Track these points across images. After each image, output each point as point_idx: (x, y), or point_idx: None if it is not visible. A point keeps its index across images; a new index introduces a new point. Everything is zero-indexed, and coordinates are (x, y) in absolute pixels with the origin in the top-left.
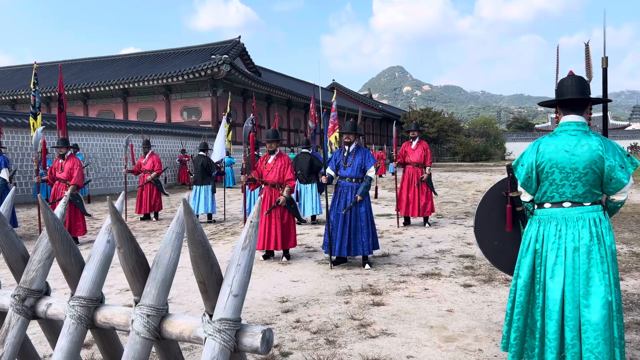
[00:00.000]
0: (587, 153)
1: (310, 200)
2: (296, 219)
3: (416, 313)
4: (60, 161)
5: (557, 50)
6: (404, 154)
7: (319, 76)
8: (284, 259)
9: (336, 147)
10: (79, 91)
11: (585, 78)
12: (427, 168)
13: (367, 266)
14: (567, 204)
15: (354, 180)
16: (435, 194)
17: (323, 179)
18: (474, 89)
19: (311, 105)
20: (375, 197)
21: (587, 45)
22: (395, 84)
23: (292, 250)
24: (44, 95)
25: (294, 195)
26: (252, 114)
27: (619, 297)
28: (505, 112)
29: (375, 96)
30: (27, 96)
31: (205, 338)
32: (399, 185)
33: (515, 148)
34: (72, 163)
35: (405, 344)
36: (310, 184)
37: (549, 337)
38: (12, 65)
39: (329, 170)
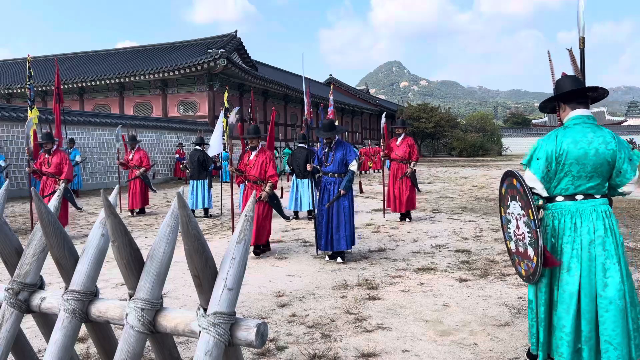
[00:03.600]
0: (603, 145)
1: (307, 195)
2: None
3: (412, 307)
4: (47, 156)
5: (549, 55)
6: (390, 149)
7: (303, 67)
8: (253, 254)
9: None
10: (75, 85)
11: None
12: (412, 163)
13: (339, 259)
14: (579, 197)
15: (336, 175)
16: (419, 190)
17: (309, 167)
18: (471, 85)
19: (306, 99)
20: (361, 192)
21: (570, 51)
22: (393, 79)
23: (288, 245)
24: (39, 89)
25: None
26: (236, 107)
27: (632, 289)
28: (502, 108)
29: (372, 91)
30: (22, 90)
31: (200, 332)
32: (387, 182)
33: (512, 143)
34: (60, 158)
35: (400, 338)
36: (307, 179)
37: (565, 331)
38: (7, 59)
39: (315, 164)
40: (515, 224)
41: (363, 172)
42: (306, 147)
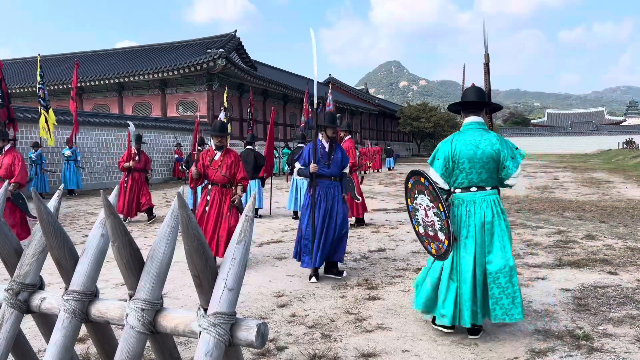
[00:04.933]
0: (489, 146)
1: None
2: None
3: (412, 307)
4: None
5: (464, 68)
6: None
7: (315, 72)
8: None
9: None
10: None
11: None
12: (347, 168)
13: (345, 274)
14: (473, 189)
15: (332, 178)
16: (357, 198)
17: (313, 167)
18: (469, 85)
19: (304, 99)
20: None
21: (464, 67)
22: (392, 79)
23: (288, 245)
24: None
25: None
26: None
27: (513, 260)
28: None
29: (371, 91)
30: (22, 89)
31: (200, 332)
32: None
33: None
34: (11, 158)
35: (400, 338)
36: (307, 178)
37: (464, 298)
38: (7, 59)
39: (299, 166)
40: (424, 213)
41: (363, 172)
42: (305, 146)
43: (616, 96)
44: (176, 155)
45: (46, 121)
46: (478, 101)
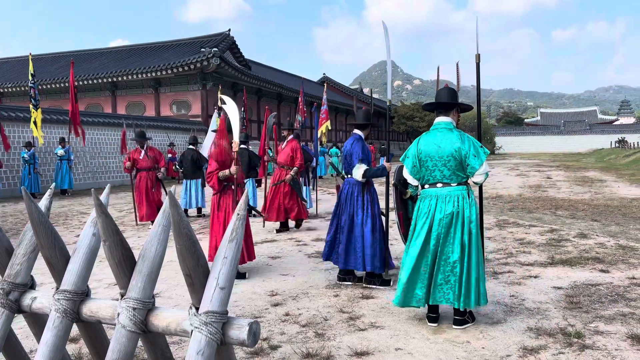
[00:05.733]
0: (449, 145)
1: (304, 193)
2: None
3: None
4: None
5: (457, 67)
6: (277, 153)
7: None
8: None
9: (325, 139)
10: (66, 84)
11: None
12: (294, 170)
13: (375, 284)
14: (439, 185)
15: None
16: (304, 200)
17: (389, 166)
18: (464, 84)
19: (300, 99)
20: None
21: (457, 65)
22: (386, 78)
23: (281, 244)
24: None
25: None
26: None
27: (475, 252)
28: (495, 107)
29: (365, 90)
30: (15, 89)
31: (192, 331)
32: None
33: (505, 142)
34: None
35: (394, 337)
36: (301, 178)
37: (402, 282)
38: (0, 58)
39: (364, 166)
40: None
41: None
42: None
43: (609, 95)
44: (169, 155)
45: (34, 120)
46: (447, 102)
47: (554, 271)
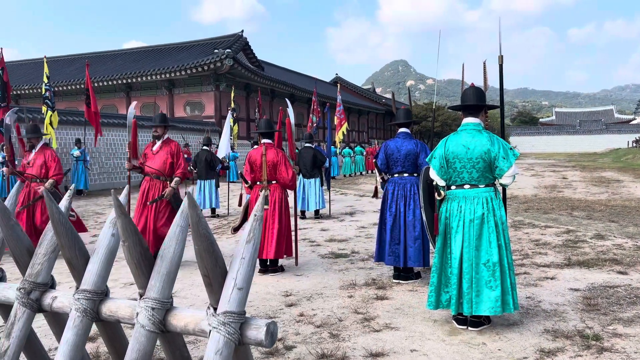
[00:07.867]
0: (479, 147)
1: (314, 194)
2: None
3: (420, 307)
4: None
5: (484, 65)
6: (144, 157)
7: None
8: None
9: (340, 142)
10: (82, 86)
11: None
12: (175, 180)
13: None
14: (467, 186)
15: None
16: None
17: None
18: (478, 83)
19: (313, 99)
20: (375, 197)
21: (484, 64)
22: (399, 78)
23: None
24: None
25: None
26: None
27: (508, 255)
28: (510, 106)
29: (378, 90)
30: (31, 91)
31: (210, 331)
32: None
33: (520, 142)
34: (45, 156)
35: (409, 338)
36: (313, 179)
37: (451, 288)
38: (15, 60)
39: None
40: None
41: (370, 171)
42: (313, 146)
43: (626, 95)
44: (185, 155)
45: (51, 122)
46: (474, 104)
47: (570, 273)
